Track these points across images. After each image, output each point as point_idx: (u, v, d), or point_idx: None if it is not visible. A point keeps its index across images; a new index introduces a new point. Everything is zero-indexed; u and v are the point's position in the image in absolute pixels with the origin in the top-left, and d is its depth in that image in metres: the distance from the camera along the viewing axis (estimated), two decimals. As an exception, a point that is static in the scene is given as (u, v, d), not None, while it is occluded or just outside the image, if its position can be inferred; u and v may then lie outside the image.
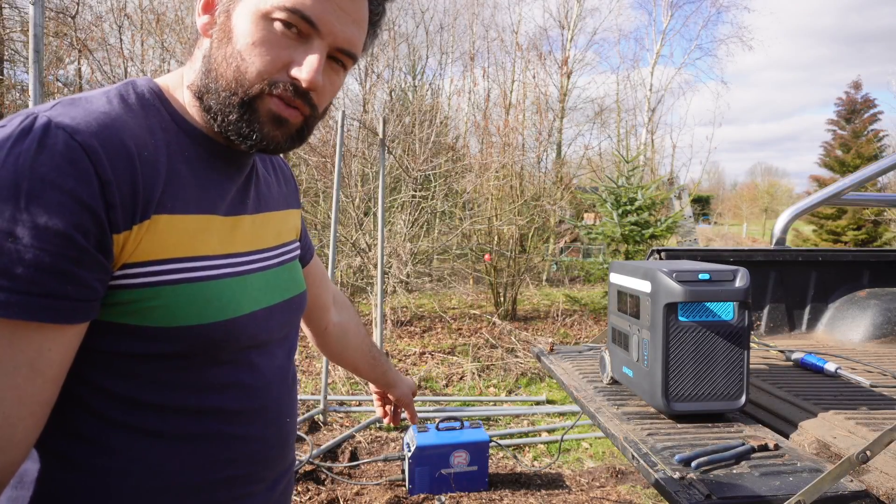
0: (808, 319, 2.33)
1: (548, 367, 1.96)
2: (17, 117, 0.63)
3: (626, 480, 3.42)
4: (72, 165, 0.60)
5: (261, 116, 0.73)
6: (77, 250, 0.61)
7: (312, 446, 3.62)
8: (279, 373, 0.83)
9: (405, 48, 16.39)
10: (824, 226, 18.37)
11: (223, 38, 0.72)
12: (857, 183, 2.39)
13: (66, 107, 0.65)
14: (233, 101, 0.72)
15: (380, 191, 4.38)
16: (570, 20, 19.09)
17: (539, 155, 11.44)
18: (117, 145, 0.64)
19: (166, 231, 0.68)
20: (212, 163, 0.76)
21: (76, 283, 0.61)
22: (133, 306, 0.67)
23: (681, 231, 11.69)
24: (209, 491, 0.75)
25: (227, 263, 0.75)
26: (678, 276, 1.33)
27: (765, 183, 45.98)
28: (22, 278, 0.58)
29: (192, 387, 0.72)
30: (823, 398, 1.45)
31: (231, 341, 0.74)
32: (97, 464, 0.68)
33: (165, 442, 0.71)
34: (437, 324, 7.55)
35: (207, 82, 0.73)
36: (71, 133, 0.61)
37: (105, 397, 0.68)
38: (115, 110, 0.68)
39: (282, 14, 0.69)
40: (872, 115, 19.40)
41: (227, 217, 0.77)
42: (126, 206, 0.64)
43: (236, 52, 0.71)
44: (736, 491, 1.02)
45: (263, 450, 0.80)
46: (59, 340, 0.62)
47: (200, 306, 0.70)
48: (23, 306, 0.59)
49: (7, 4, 8.22)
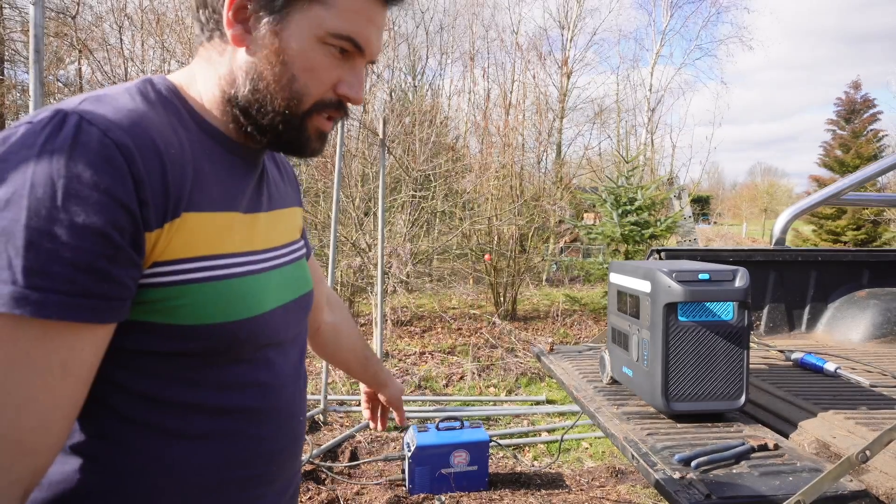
0: (808, 319, 2.33)
1: (548, 367, 1.96)
2: (43, 113, 0.62)
3: (626, 480, 3.42)
4: (107, 163, 0.60)
5: (309, 133, 0.77)
6: (114, 249, 0.60)
7: (312, 446, 3.62)
8: (293, 372, 0.84)
9: (405, 48, 16.41)
10: (824, 226, 18.35)
11: (272, 57, 0.72)
12: (857, 183, 2.40)
13: (95, 104, 0.64)
14: (289, 121, 0.75)
15: (380, 191, 4.38)
16: (570, 20, 19.11)
17: (539, 155, 11.44)
18: (147, 143, 0.64)
19: (195, 229, 0.69)
20: (230, 160, 0.77)
21: (112, 282, 0.61)
22: (161, 304, 0.66)
23: (680, 231, 11.68)
24: (224, 491, 0.75)
25: (249, 261, 0.76)
26: (678, 276, 1.34)
27: (764, 183, 45.95)
28: (60, 277, 0.58)
29: (213, 385, 0.72)
30: (823, 398, 1.45)
31: (253, 339, 0.75)
32: (117, 463, 0.68)
33: (185, 441, 0.71)
34: (437, 324, 7.55)
35: (258, 100, 0.74)
36: (104, 130, 0.61)
37: (127, 396, 0.68)
38: (141, 108, 0.68)
39: (337, 41, 0.73)
40: (872, 115, 19.38)
41: (247, 214, 0.78)
42: (158, 204, 0.64)
43: (290, 74, 0.73)
44: (736, 491, 1.02)
45: (276, 450, 0.80)
46: (92, 340, 0.62)
47: (227, 304, 0.71)
48: (60, 306, 0.58)
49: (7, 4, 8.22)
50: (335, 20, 0.72)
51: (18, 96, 8.75)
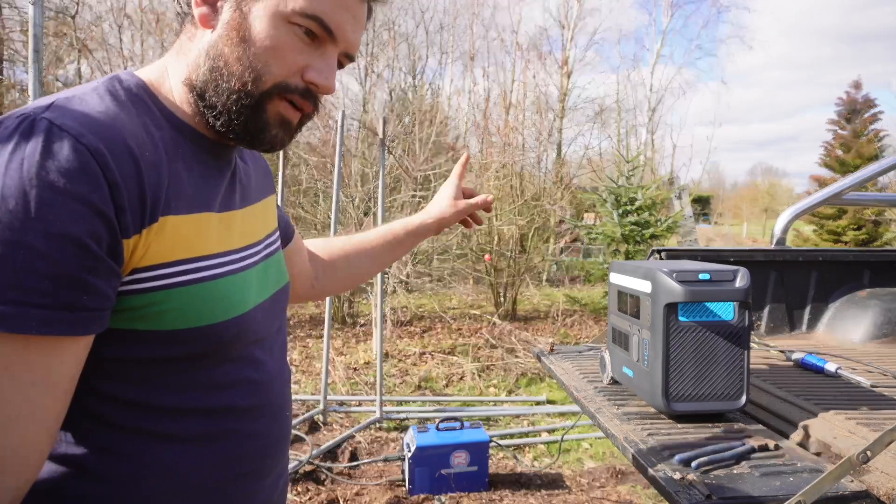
0: (809, 319, 2.33)
1: (548, 368, 1.95)
2: (9, 120, 0.60)
3: (626, 480, 3.42)
4: (81, 170, 0.57)
5: (269, 118, 0.73)
6: (92, 259, 0.59)
7: (312, 446, 3.62)
8: (278, 366, 0.84)
9: (405, 48, 16.39)
10: (825, 226, 18.34)
11: (235, 37, 0.69)
12: (858, 183, 2.39)
13: (63, 107, 0.61)
14: (244, 102, 0.71)
15: (380, 191, 4.37)
16: (570, 20, 19.10)
17: (539, 155, 11.44)
18: (121, 147, 0.62)
19: (173, 232, 0.67)
20: (203, 158, 0.75)
21: (92, 293, 0.59)
22: (143, 311, 0.65)
23: (681, 231, 11.68)
24: (222, 490, 0.74)
25: (228, 261, 0.75)
26: (678, 276, 1.33)
27: (765, 183, 45.99)
28: (37, 291, 0.56)
29: (203, 387, 0.72)
30: (824, 398, 1.44)
31: (239, 339, 0.74)
32: (110, 471, 0.67)
33: (179, 444, 0.70)
34: (437, 324, 7.55)
35: (214, 79, 0.70)
36: (76, 136, 0.58)
37: (115, 405, 0.67)
38: (112, 109, 0.65)
39: (303, 20, 0.69)
40: (873, 114, 19.39)
41: (222, 213, 0.76)
42: (134, 209, 0.62)
43: (251, 53, 0.69)
44: (736, 491, 1.02)
45: (269, 445, 0.81)
46: (73, 352, 0.61)
47: (211, 306, 0.70)
48: (39, 320, 0.56)
49: (7, 4, 8.21)
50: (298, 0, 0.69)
51: (18, 96, 8.74)
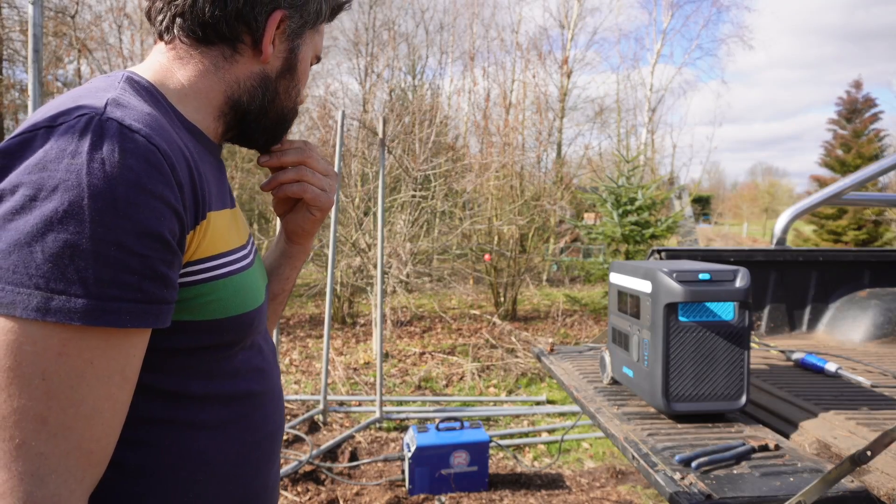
0: (809, 319, 2.33)
1: (548, 368, 1.95)
2: (70, 118, 0.60)
3: (626, 481, 3.42)
4: (156, 169, 0.60)
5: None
6: (171, 254, 0.62)
7: (312, 446, 3.62)
8: (273, 356, 0.89)
9: (405, 48, 16.42)
10: (825, 226, 18.35)
11: (286, 70, 0.82)
12: (858, 183, 2.39)
13: (123, 107, 0.63)
14: (286, 126, 0.86)
15: (380, 191, 4.37)
16: (570, 20, 19.10)
17: (539, 155, 11.44)
18: (175, 147, 0.65)
19: (214, 228, 0.72)
20: (208, 158, 0.79)
21: (170, 287, 0.63)
22: (191, 302, 0.68)
23: (681, 231, 11.68)
24: (242, 475, 0.77)
25: (244, 255, 0.80)
26: (678, 276, 1.33)
27: (765, 183, 45.99)
28: (131, 286, 0.58)
29: (228, 374, 0.75)
30: (824, 398, 1.44)
31: (256, 327, 0.79)
32: (145, 464, 0.68)
33: (207, 432, 0.73)
34: (437, 324, 7.55)
35: (264, 104, 0.82)
36: (146, 137, 0.61)
37: (148, 395, 0.67)
38: (154, 111, 0.68)
39: (316, 59, 0.89)
40: (873, 114, 19.39)
41: (232, 210, 0.82)
42: (190, 207, 0.66)
43: (295, 86, 0.85)
44: (736, 491, 1.02)
45: (275, 429, 0.85)
46: (143, 344, 0.63)
47: (243, 296, 0.75)
48: (133, 314, 0.59)
49: (6, 4, 8.22)
50: (321, 43, 0.88)
51: (17, 96, 8.75)
